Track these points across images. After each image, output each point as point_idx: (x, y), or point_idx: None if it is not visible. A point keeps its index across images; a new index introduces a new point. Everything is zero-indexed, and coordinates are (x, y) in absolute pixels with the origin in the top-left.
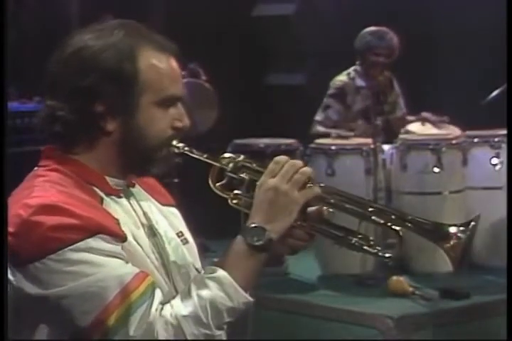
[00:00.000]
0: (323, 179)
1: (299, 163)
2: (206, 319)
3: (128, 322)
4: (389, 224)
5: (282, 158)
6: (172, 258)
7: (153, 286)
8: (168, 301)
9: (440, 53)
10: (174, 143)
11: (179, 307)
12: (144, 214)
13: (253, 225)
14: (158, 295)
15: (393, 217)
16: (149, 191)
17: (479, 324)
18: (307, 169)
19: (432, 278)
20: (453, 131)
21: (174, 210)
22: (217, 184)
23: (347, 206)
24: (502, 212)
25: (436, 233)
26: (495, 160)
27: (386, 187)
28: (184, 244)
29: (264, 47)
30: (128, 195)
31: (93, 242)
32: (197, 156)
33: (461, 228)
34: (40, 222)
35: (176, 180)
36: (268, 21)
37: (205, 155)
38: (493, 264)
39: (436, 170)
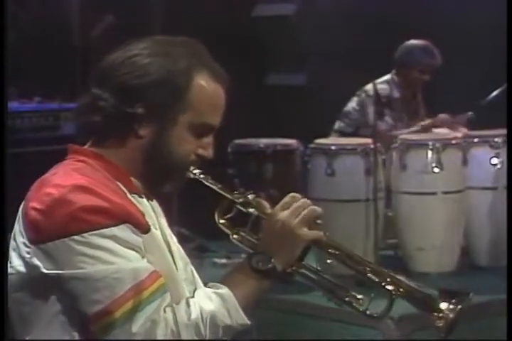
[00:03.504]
0: (323, 179)
1: (310, 203)
2: (204, 331)
3: (133, 318)
4: (383, 284)
5: (298, 195)
6: (178, 259)
7: (164, 287)
8: (172, 305)
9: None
10: (191, 168)
11: (182, 315)
12: (157, 217)
13: (262, 251)
14: (167, 297)
15: (388, 279)
16: None
17: (479, 324)
18: (318, 208)
19: (432, 278)
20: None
21: None
22: (221, 220)
23: (346, 260)
24: (502, 212)
25: (426, 305)
26: (495, 160)
27: (386, 187)
28: None
29: (265, 48)
30: (149, 197)
31: (118, 231)
32: (210, 185)
33: (451, 306)
34: (73, 201)
35: None
36: (268, 21)
37: (219, 186)
38: (492, 264)
39: (436, 170)
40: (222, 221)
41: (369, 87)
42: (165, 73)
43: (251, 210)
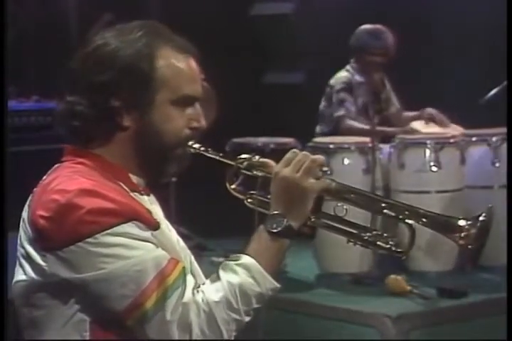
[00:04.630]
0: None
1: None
2: (236, 304)
3: (164, 306)
4: (401, 217)
5: (298, 151)
6: (179, 251)
7: (184, 271)
8: (199, 287)
9: (440, 53)
10: (190, 143)
11: (210, 293)
12: (156, 211)
13: (273, 213)
14: (191, 280)
15: (407, 212)
16: None
17: (477, 322)
18: (319, 157)
19: (430, 277)
20: (456, 129)
21: None
22: (232, 186)
23: (361, 202)
24: (500, 211)
25: (448, 227)
26: (493, 159)
27: (384, 185)
28: None
29: (263, 46)
30: (146, 192)
31: (128, 227)
32: (213, 156)
33: (470, 221)
34: (80, 206)
35: (174, 179)
36: (267, 20)
37: (220, 154)
38: (490, 263)
39: (434, 168)
40: (233, 186)
41: (332, 80)
42: (126, 61)
43: (256, 172)
